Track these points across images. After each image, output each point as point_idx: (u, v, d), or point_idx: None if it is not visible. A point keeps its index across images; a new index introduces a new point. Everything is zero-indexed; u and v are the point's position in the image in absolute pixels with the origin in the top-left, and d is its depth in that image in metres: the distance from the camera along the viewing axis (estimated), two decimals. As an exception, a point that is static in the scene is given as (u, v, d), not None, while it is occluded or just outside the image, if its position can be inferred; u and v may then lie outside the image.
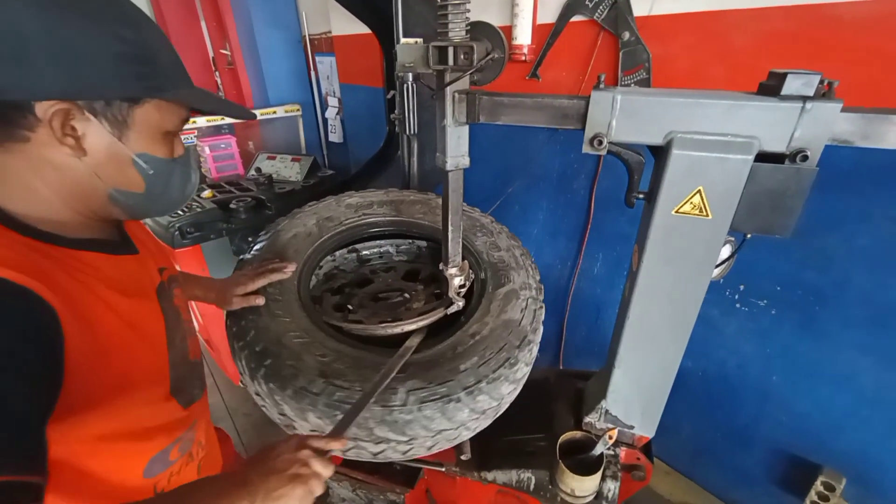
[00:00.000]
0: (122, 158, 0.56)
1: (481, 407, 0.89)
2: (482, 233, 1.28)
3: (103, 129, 0.53)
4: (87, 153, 0.53)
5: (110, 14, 0.52)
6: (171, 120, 0.60)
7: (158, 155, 0.59)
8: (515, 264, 1.17)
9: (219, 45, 3.96)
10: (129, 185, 0.58)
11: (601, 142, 0.80)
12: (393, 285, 1.23)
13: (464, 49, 0.81)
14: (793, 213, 0.78)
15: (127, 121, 0.55)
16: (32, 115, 0.49)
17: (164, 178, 0.62)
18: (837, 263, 1.25)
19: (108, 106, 0.53)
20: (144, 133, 0.57)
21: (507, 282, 1.11)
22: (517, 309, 1.04)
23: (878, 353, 1.24)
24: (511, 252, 1.21)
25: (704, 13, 1.29)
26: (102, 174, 0.56)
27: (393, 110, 1.71)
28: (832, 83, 0.71)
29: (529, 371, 1.02)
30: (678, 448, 1.85)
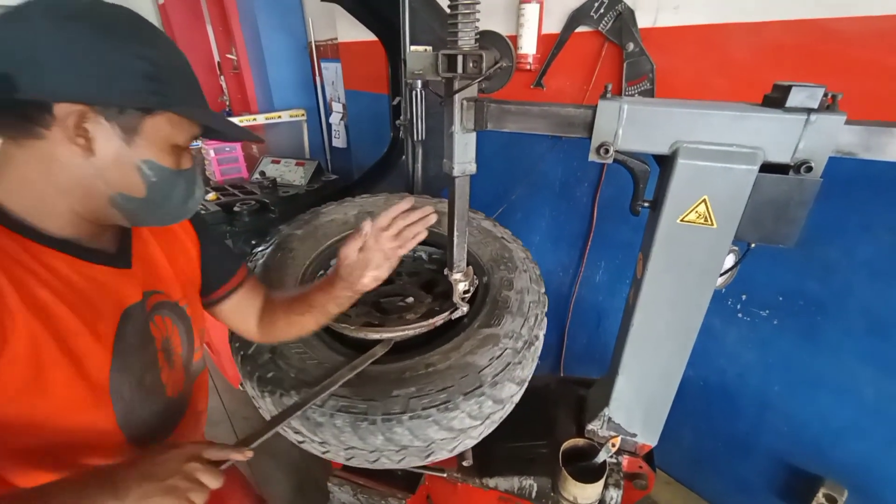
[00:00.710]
0: (128, 163, 0.58)
1: (398, 438, 0.84)
2: (507, 267, 1.20)
3: (114, 134, 0.56)
4: (95, 154, 0.56)
5: (135, 35, 0.56)
6: (180, 134, 0.62)
7: (164, 164, 0.61)
8: (518, 310, 1.06)
9: (225, 49, 4.00)
10: (130, 189, 0.60)
11: (607, 150, 0.81)
12: (405, 290, 1.24)
13: (473, 57, 0.83)
14: (797, 223, 0.79)
15: (137, 128, 0.57)
16: (50, 114, 0.52)
17: (167, 187, 0.63)
18: (839, 274, 1.26)
19: (122, 113, 0.56)
20: (153, 142, 0.59)
21: (496, 324, 1.02)
22: (487, 356, 0.94)
23: (880, 363, 1.25)
24: (523, 295, 1.11)
25: (707, 26, 1.31)
26: (107, 176, 0.58)
27: (398, 116, 1.73)
28: (836, 96, 0.72)
29: (473, 423, 0.91)
30: (678, 457, 1.84)
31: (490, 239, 1.33)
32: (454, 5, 0.81)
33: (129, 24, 0.57)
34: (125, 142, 0.57)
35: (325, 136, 3.46)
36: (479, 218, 1.42)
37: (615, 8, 1.46)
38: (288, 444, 0.98)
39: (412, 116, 1.45)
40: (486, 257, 1.25)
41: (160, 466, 0.55)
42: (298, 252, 1.28)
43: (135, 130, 0.57)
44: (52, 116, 0.52)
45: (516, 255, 1.26)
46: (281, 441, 2.23)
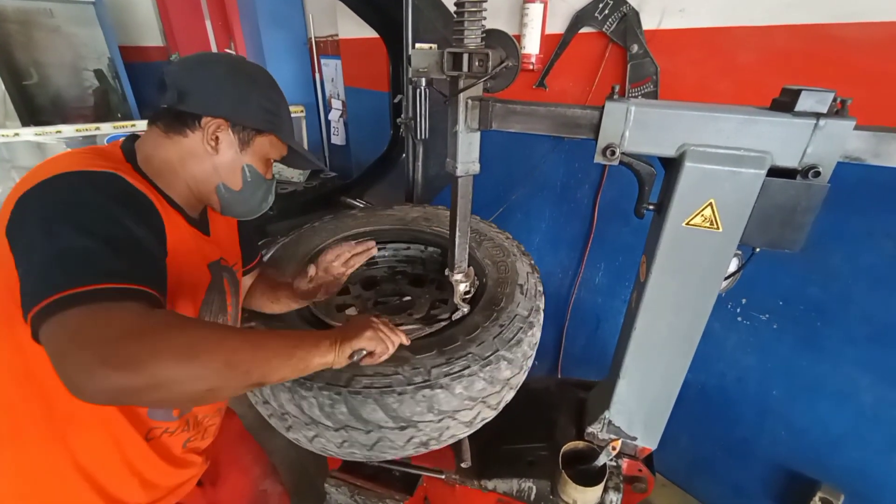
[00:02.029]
0: (237, 164, 0.82)
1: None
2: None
3: (234, 142, 0.80)
4: (218, 154, 0.79)
5: (264, 83, 0.83)
6: (274, 152, 0.86)
7: (258, 171, 0.84)
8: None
9: (223, 44, 3.96)
10: (232, 182, 0.83)
11: (614, 152, 0.80)
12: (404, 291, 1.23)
13: (479, 56, 0.82)
14: (803, 228, 0.78)
15: (249, 142, 0.81)
16: (198, 122, 0.77)
17: (255, 187, 0.85)
18: (840, 280, 1.26)
19: (243, 130, 0.80)
20: (256, 154, 0.83)
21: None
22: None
23: (879, 370, 1.25)
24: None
25: (712, 29, 1.30)
26: (220, 170, 0.81)
27: (399, 114, 1.71)
28: (845, 101, 0.71)
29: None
30: (676, 460, 1.84)
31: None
32: (461, 3, 0.80)
33: (262, 76, 0.83)
34: (239, 149, 0.81)
35: (324, 133, 3.44)
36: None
37: (620, 9, 1.45)
38: (285, 443, 0.97)
39: (415, 115, 1.44)
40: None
41: (350, 322, 0.81)
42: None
43: (248, 143, 0.81)
44: (198, 124, 0.77)
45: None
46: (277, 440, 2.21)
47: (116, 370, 0.48)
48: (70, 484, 0.72)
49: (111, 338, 0.50)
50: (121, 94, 4.35)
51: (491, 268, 1.20)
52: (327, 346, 0.72)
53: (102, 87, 4.44)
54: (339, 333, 0.76)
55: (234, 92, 0.78)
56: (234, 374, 0.57)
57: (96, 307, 0.52)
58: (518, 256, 1.26)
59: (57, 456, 0.71)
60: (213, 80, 0.77)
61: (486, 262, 1.22)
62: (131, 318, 0.53)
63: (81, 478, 0.72)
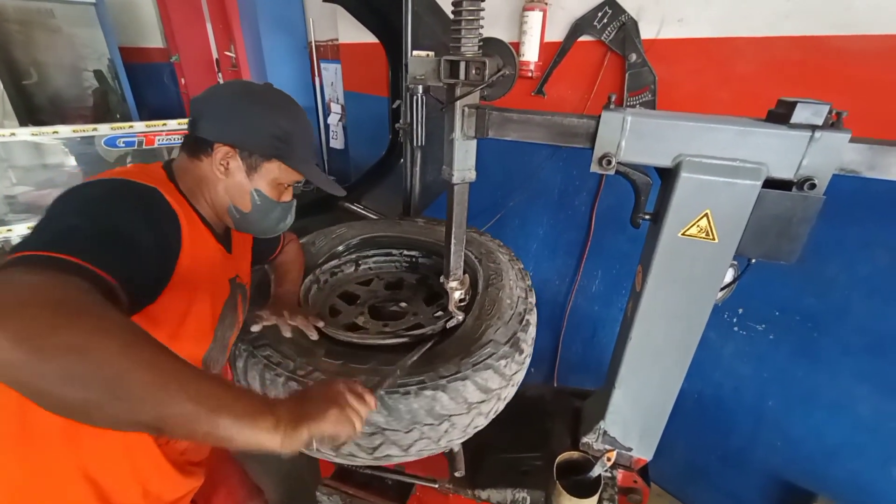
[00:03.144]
0: (245, 187, 0.84)
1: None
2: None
3: (242, 168, 0.83)
4: (228, 178, 0.83)
5: (276, 108, 0.84)
6: (286, 177, 0.87)
7: (267, 195, 0.86)
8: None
9: (224, 46, 3.97)
10: (241, 205, 0.86)
11: (610, 161, 0.80)
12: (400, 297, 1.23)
13: (476, 64, 0.82)
14: (798, 239, 0.78)
15: (257, 168, 0.83)
16: (210, 147, 0.80)
17: (265, 210, 0.87)
18: (836, 290, 1.25)
19: (251, 156, 0.82)
20: (264, 179, 0.85)
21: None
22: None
23: (875, 381, 1.24)
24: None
25: (711, 39, 1.31)
26: (230, 192, 0.84)
27: (397, 120, 1.71)
28: (841, 113, 0.71)
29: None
30: (671, 470, 1.83)
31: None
32: (458, 11, 0.80)
33: (277, 100, 0.85)
34: (247, 174, 0.83)
35: (323, 137, 3.44)
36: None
37: (618, 18, 1.46)
38: (276, 452, 0.96)
39: (412, 121, 1.44)
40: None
41: (314, 390, 0.66)
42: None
43: (255, 169, 0.83)
44: (211, 149, 0.80)
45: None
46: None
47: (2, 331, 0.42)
48: (73, 489, 0.71)
49: (19, 301, 0.44)
50: (120, 94, 4.34)
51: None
52: (269, 426, 0.54)
53: (102, 87, 4.44)
54: (292, 410, 0.58)
55: (243, 119, 0.81)
56: (120, 394, 0.45)
57: (40, 271, 0.49)
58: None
59: (66, 459, 0.70)
60: (225, 107, 0.81)
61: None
62: (58, 291, 0.47)
63: (86, 483, 0.72)
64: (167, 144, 2.77)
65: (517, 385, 1.02)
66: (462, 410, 0.88)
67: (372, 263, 1.41)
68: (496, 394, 0.93)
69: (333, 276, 1.34)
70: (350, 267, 1.38)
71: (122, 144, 2.60)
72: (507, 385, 0.96)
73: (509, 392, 0.99)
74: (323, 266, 1.29)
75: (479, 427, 0.94)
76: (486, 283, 1.14)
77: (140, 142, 2.64)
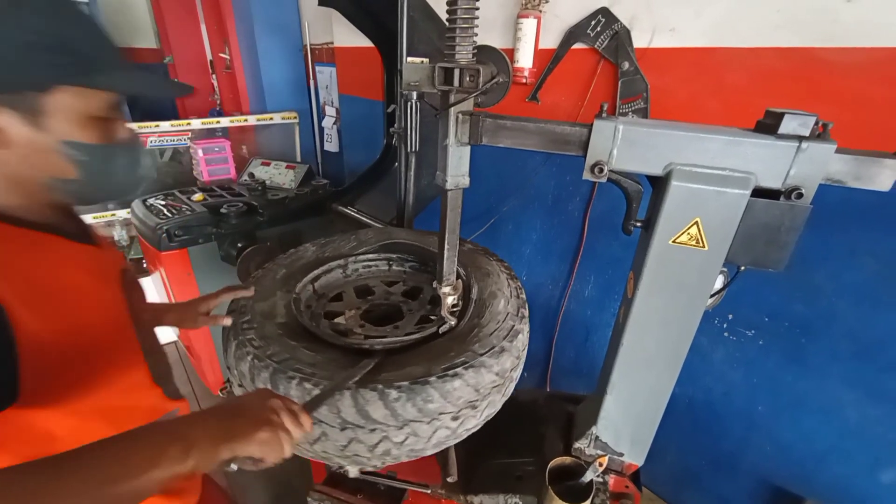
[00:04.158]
0: (44, 147, 0.55)
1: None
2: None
3: (17, 120, 0.53)
4: (11, 145, 0.54)
5: (24, 5, 0.51)
6: (95, 105, 0.58)
7: (88, 141, 0.58)
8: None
9: (218, 48, 3.95)
10: (60, 172, 0.58)
11: (602, 169, 0.81)
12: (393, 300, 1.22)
13: (470, 71, 0.82)
14: (786, 247, 0.79)
15: (40, 109, 0.54)
16: None
17: (101, 163, 0.60)
18: (824, 297, 1.27)
19: (20, 96, 0.52)
20: (65, 120, 0.56)
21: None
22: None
23: (862, 386, 1.26)
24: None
25: (701, 49, 1.33)
26: (31, 163, 0.56)
27: (392, 124, 1.72)
28: (827, 125, 0.73)
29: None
30: (663, 474, 1.84)
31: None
32: (452, 19, 0.81)
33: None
34: (33, 126, 0.54)
35: (318, 140, 3.43)
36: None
37: (611, 27, 1.48)
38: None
39: (406, 127, 1.44)
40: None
41: (243, 406, 0.56)
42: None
43: (39, 112, 0.53)
44: None
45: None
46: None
47: None
48: None
49: None
50: (112, 95, 4.32)
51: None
52: (177, 454, 0.47)
53: (93, 87, 4.40)
54: (213, 428, 0.51)
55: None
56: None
57: None
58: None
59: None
60: None
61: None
62: None
63: None
64: (160, 146, 2.75)
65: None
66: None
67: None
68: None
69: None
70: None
71: (114, 146, 2.58)
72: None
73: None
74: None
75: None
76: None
77: (132, 143, 2.62)
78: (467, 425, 0.90)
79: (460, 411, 0.87)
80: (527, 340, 1.07)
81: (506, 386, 0.96)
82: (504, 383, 0.95)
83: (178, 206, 2.24)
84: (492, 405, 0.94)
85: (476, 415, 0.91)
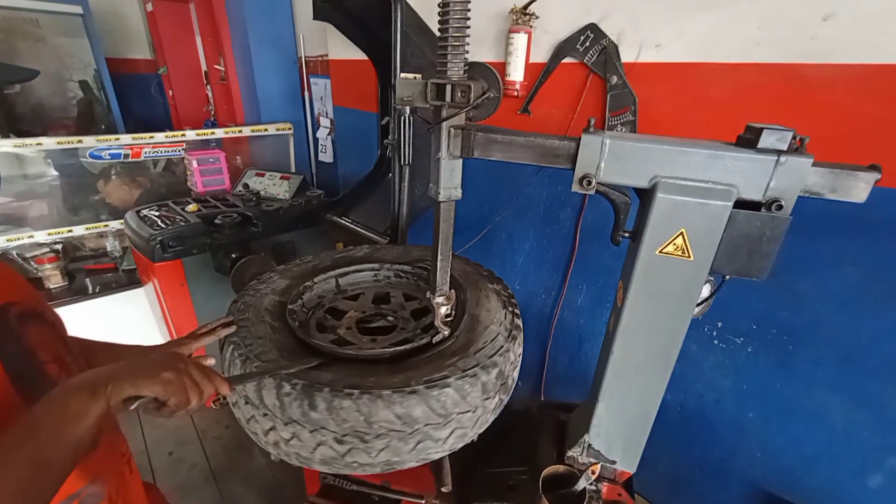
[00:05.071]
0: None
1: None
2: None
3: None
4: None
5: None
6: None
7: None
8: None
9: (213, 60, 3.98)
10: None
11: (590, 182, 0.83)
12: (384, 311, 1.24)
13: (461, 87, 0.85)
14: (769, 257, 0.82)
15: None
16: None
17: None
18: (809, 305, 1.30)
19: None
20: None
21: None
22: None
23: (848, 392, 1.29)
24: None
25: (685, 64, 1.37)
26: None
27: (386, 135, 1.74)
28: (804, 139, 0.76)
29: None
30: (655, 481, 1.85)
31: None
32: (444, 37, 0.84)
33: None
34: None
35: (312, 150, 3.45)
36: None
37: (600, 42, 1.52)
38: (261, 465, 0.95)
39: (400, 139, 1.47)
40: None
41: (144, 361, 0.59)
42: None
43: None
44: None
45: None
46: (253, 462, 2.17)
47: None
48: None
49: None
50: (106, 105, 4.31)
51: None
52: (85, 398, 0.52)
53: (87, 97, 4.39)
54: (115, 370, 0.56)
55: None
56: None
57: None
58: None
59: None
60: None
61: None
62: None
63: None
64: (153, 157, 2.75)
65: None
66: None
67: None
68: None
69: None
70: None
71: (108, 157, 2.58)
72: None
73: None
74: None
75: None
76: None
77: (126, 154, 2.62)
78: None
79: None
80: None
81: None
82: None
83: (173, 216, 2.24)
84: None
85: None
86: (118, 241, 2.86)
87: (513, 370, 1.05)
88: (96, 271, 2.79)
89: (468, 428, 0.93)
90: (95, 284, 2.66)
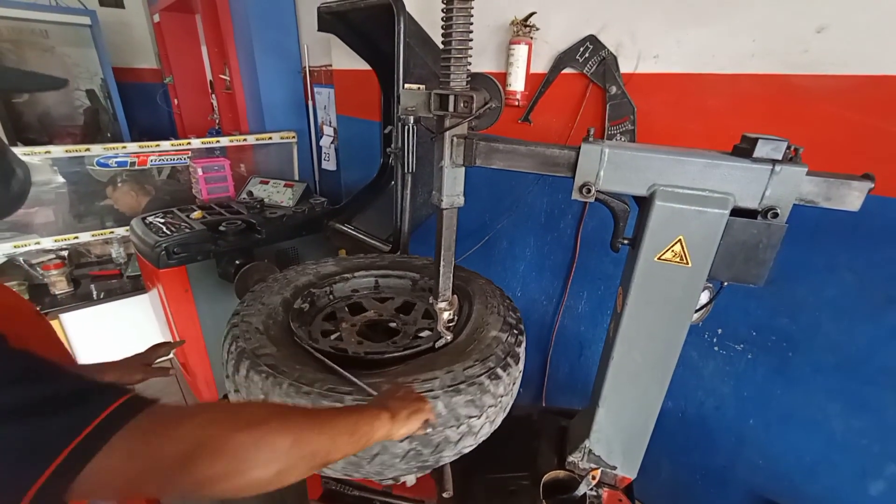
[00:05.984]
0: None
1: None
2: None
3: None
4: None
5: None
6: None
7: None
8: None
9: (218, 69, 4.04)
10: None
11: (590, 190, 0.85)
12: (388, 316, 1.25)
13: (464, 98, 0.87)
14: (765, 264, 0.83)
15: None
16: None
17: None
18: (807, 311, 1.31)
19: None
20: None
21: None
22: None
23: (846, 399, 1.29)
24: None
25: (683, 75, 1.40)
26: None
27: (389, 144, 1.77)
28: (798, 149, 0.78)
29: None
30: (656, 488, 1.84)
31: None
32: (447, 49, 0.86)
33: None
34: None
35: (315, 158, 3.49)
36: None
37: (599, 53, 1.55)
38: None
39: (403, 148, 1.49)
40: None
41: (404, 395, 0.78)
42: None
43: None
44: None
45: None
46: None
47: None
48: None
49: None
50: (112, 114, 4.37)
51: None
52: (387, 419, 0.70)
53: (93, 106, 4.46)
54: (396, 405, 0.74)
55: None
56: (301, 453, 0.55)
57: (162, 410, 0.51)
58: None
59: None
60: None
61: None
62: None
63: None
64: (159, 164, 2.79)
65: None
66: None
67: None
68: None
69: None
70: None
71: (115, 165, 2.62)
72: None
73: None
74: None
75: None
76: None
77: (132, 162, 2.66)
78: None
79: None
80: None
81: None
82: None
83: (178, 223, 2.26)
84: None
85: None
86: (123, 247, 2.89)
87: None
88: (101, 277, 2.81)
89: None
90: (100, 290, 2.68)
